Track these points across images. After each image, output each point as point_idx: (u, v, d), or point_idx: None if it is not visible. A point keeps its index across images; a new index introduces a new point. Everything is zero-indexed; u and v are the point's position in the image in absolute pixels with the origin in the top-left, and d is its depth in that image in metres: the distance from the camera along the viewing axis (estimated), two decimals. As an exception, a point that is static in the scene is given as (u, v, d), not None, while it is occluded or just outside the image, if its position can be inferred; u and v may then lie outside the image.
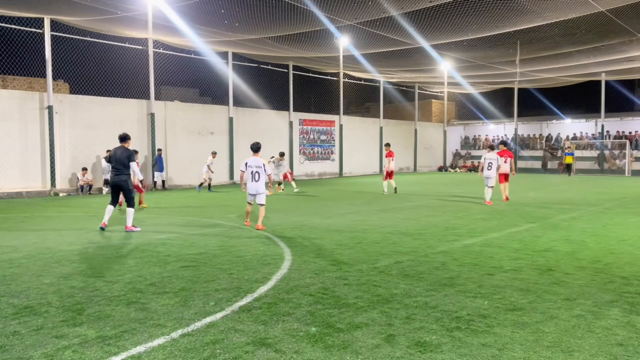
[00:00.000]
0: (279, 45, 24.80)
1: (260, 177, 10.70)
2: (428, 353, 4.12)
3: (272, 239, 9.54)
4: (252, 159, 10.87)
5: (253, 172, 10.71)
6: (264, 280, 6.44)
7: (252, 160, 10.83)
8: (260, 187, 10.75)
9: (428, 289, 6.01)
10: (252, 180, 10.72)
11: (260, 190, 10.76)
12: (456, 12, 19.94)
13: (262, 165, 10.70)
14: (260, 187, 10.75)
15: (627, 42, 24.91)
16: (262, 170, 10.70)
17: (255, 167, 10.71)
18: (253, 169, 10.71)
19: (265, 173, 10.73)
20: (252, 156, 10.96)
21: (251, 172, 10.72)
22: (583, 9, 19.54)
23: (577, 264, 7.35)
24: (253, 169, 10.71)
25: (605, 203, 15.77)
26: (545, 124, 40.78)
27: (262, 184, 10.78)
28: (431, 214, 13.24)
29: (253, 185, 10.75)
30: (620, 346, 4.25)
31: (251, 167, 10.72)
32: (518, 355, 4.08)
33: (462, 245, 8.92)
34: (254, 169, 10.71)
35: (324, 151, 33.33)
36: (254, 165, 10.73)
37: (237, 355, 4.09)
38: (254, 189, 10.77)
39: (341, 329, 4.68)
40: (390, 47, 26.10)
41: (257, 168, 10.70)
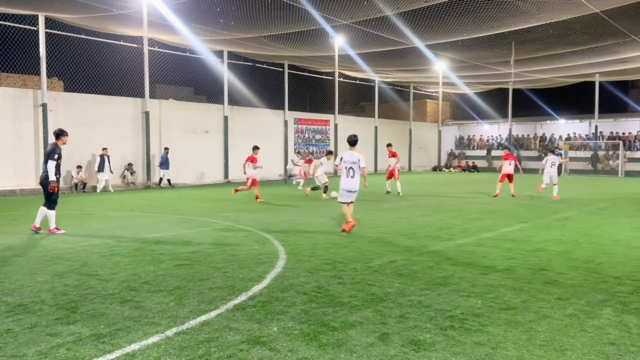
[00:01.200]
0: (274, 44, 24.78)
1: (355, 173, 9.85)
2: (422, 351, 4.14)
3: (267, 238, 9.54)
4: (348, 153, 9.99)
5: (347, 168, 9.86)
6: (259, 279, 6.44)
7: (347, 155, 9.95)
8: (356, 184, 9.90)
9: (422, 288, 6.04)
10: (347, 176, 9.88)
11: (355, 187, 9.91)
12: (451, 12, 20.00)
13: (358, 161, 9.80)
14: (355, 184, 9.90)
15: (621, 43, 25.05)
16: (357, 166, 9.82)
17: (350, 163, 9.84)
18: (347, 165, 9.85)
19: (359, 169, 9.87)
20: (348, 150, 10.07)
21: (346, 167, 9.88)
22: (577, 10, 19.64)
23: (570, 263, 7.40)
24: (347, 164, 9.85)
25: (599, 203, 15.86)
26: (540, 125, 40.96)
27: (357, 181, 9.92)
28: (425, 214, 13.28)
29: (348, 183, 9.91)
30: (612, 345, 4.29)
31: (346, 162, 9.87)
32: (511, 354, 4.11)
33: (456, 244, 8.95)
34: (349, 165, 9.84)
35: (319, 150, 33.33)
36: (349, 160, 9.86)
37: (231, 353, 4.10)
38: (350, 186, 9.92)
39: (335, 327, 4.69)
40: (385, 47, 26.14)
41: (352, 164, 9.83)
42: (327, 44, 27.01)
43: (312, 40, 25.02)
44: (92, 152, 21.95)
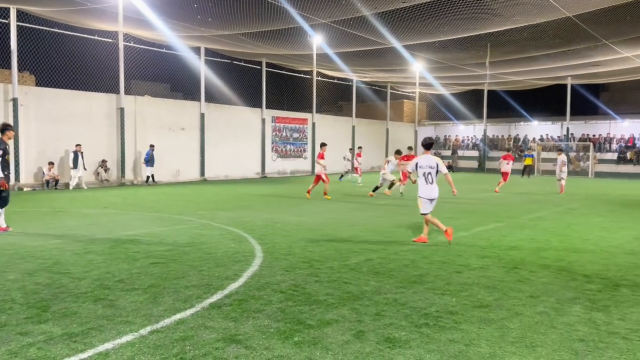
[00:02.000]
0: (252, 41, 24.66)
1: (433, 178, 8.87)
2: (397, 349, 4.18)
3: (243, 236, 9.50)
4: (424, 157, 9.03)
5: (425, 174, 8.87)
6: (235, 277, 6.42)
7: (423, 159, 8.97)
8: (436, 191, 8.95)
9: (398, 286, 6.09)
10: (426, 183, 8.91)
11: (436, 194, 8.97)
12: (428, 13, 20.19)
13: (436, 165, 8.85)
14: (436, 191, 8.95)
15: (592, 47, 25.64)
16: (434, 171, 8.85)
17: (427, 168, 8.87)
18: (425, 170, 8.86)
19: (438, 174, 8.93)
20: (422, 154, 9.18)
21: (423, 173, 8.89)
22: (551, 14, 20.03)
23: (542, 262, 7.56)
24: (425, 169, 8.86)
25: (569, 204, 16.22)
26: (514, 126, 41.68)
27: (437, 188, 8.97)
28: (401, 213, 13.39)
29: (427, 190, 8.94)
30: (581, 342, 4.40)
31: (422, 167, 8.88)
32: (484, 350, 4.18)
33: (431, 243, 9.05)
34: (426, 170, 8.86)
35: (296, 149, 33.31)
36: (425, 165, 8.87)
37: (207, 351, 4.07)
38: (429, 193, 8.94)
39: (311, 325, 4.70)
40: (363, 47, 26.25)
41: (429, 168, 8.86)
42: (306, 43, 26.98)
43: (290, 38, 24.97)
44: (65, 149, 21.52)
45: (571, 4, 18.80)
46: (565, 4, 18.76)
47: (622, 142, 36.54)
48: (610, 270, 7.08)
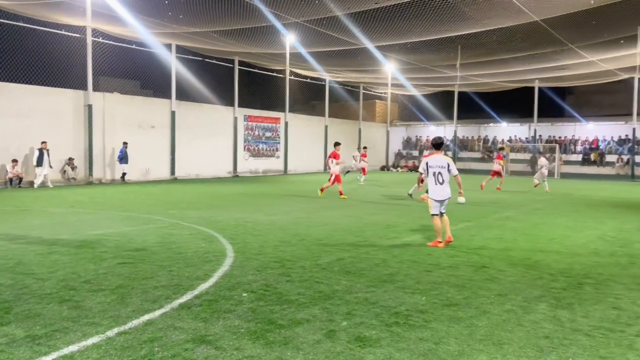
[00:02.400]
0: (224, 39, 24.45)
1: (444, 179, 8.71)
2: (367, 347, 4.20)
3: (214, 236, 9.41)
4: (433, 157, 8.86)
5: (435, 174, 8.72)
6: (205, 278, 6.35)
7: (433, 159, 8.80)
8: (447, 191, 8.77)
9: (368, 285, 6.12)
10: (436, 183, 8.75)
11: (448, 194, 8.79)
12: (401, 15, 20.38)
13: (447, 165, 8.69)
14: (447, 191, 8.78)
15: (559, 51, 26.31)
16: (445, 171, 8.68)
17: (437, 167, 8.71)
18: (435, 170, 8.72)
19: (449, 174, 8.75)
20: (432, 154, 9.02)
21: (433, 173, 8.74)
22: (519, 18, 20.46)
23: (509, 261, 7.71)
24: (435, 169, 8.72)
25: (536, 204, 16.59)
26: (483, 127, 42.45)
27: (448, 189, 8.80)
28: (373, 212, 13.47)
29: (437, 191, 8.76)
30: (546, 339, 4.50)
31: (432, 167, 8.74)
32: (453, 348, 4.23)
33: (402, 242, 9.14)
34: (436, 170, 8.71)
35: (269, 148, 33.18)
36: (436, 165, 8.72)
37: (176, 352, 4.02)
38: (439, 194, 8.76)
39: (283, 325, 4.69)
40: (336, 47, 26.33)
41: (439, 168, 8.69)
42: (278, 42, 26.91)
43: (263, 37, 24.86)
44: (30, 146, 20.91)
45: (539, 8, 19.25)
46: (533, 9, 19.20)
47: (586, 144, 37.60)
48: (574, 268, 7.26)
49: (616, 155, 35.61)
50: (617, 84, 37.63)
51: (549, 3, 18.89)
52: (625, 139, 35.72)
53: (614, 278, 6.71)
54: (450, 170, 8.71)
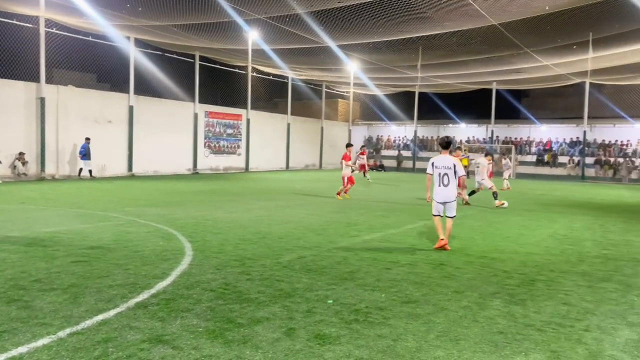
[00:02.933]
0: (185, 34, 24.03)
1: (449, 180, 8.41)
2: (327, 345, 4.21)
3: (173, 234, 9.24)
4: (440, 157, 8.63)
5: (441, 175, 8.47)
6: (163, 276, 6.22)
7: (439, 159, 8.58)
8: (451, 193, 8.49)
9: (329, 283, 6.14)
10: (440, 184, 8.50)
11: (450, 197, 8.50)
12: (363, 14, 20.53)
13: (453, 166, 8.40)
14: (450, 194, 8.48)
15: (515, 54, 27.09)
16: (451, 172, 8.41)
17: (443, 168, 8.45)
18: (441, 171, 8.47)
19: (456, 175, 8.46)
20: (439, 154, 8.79)
21: (439, 174, 8.50)
22: (478, 21, 20.95)
23: (466, 259, 7.88)
24: (441, 170, 8.47)
25: (492, 203, 17.01)
26: (443, 127, 43.28)
27: (453, 191, 8.51)
28: (334, 211, 13.52)
29: (441, 192, 8.51)
30: (500, 334, 4.62)
31: (438, 168, 8.50)
32: (411, 345, 4.29)
33: (363, 240, 9.21)
34: (442, 171, 8.46)
35: (230, 145, 32.84)
36: (441, 165, 8.48)
37: (131, 353, 3.91)
38: (442, 196, 8.51)
39: (242, 323, 4.64)
40: (298, 44, 26.29)
41: (445, 169, 8.43)
42: (241, 38, 26.65)
43: (224, 32, 24.56)
44: (-22, 139, 20.02)
45: (497, 12, 19.76)
46: (492, 12, 19.69)
47: (540, 145, 38.86)
48: (527, 266, 7.49)
49: (568, 156, 36.95)
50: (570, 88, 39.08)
51: (507, 7, 19.43)
52: (577, 141, 37.11)
53: (564, 275, 6.95)
54: (457, 172, 8.42)
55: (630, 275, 7.03)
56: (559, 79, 34.57)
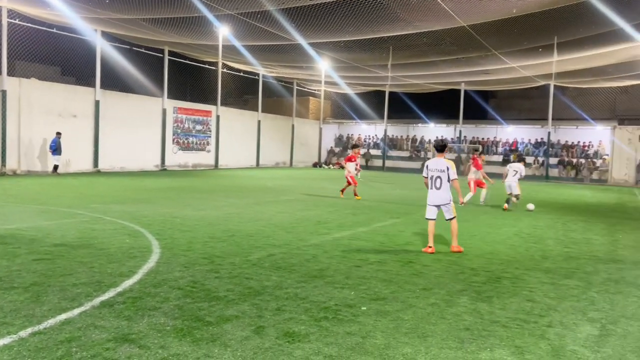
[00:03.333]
0: (153, 28, 23.60)
1: (442, 183, 8.40)
2: (296, 343, 4.21)
3: (140, 231, 9.08)
4: (434, 160, 8.61)
5: (434, 178, 8.45)
6: (129, 274, 6.11)
7: (433, 162, 8.55)
8: (444, 196, 8.45)
9: (299, 281, 6.14)
10: (433, 187, 8.49)
11: (444, 200, 8.46)
12: (334, 13, 20.56)
13: (446, 169, 8.36)
14: (443, 196, 8.45)
15: (483, 56, 27.60)
16: (445, 175, 8.37)
17: (436, 171, 8.42)
18: (434, 174, 8.44)
19: (449, 178, 8.41)
20: (435, 157, 8.74)
21: (431, 177, 8.49)
22: (448, 22, 21.25)
23: (434, 256, 7.99)
24: (434, 173, 8.44)
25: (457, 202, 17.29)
26: (412, 127, 43.76)
27: (446, 194, 8.46)
28: (304, 208, 13.52)
29: (434, 195, 8.50)
30: (467, 330, 4.70)
31: (432, 171, 8.47)
32: (379, 342, 4.33)
33: (333, 238, 9.24)
34: (435, 174, 8.43)
35: (199, 142, 32.44)
36: (434, 168, 8.45)
37: (96, 353, 3.83)
38: (434, 199, 8.52)
39: (210, 322, 4.60)
40: (270, 41, 26.16)
41: (438, 172, 8.40)
42: (211, 33, 26.34)
43: (194, 27, 24.24)
44: None
45: (466, 14, 20.08)
46: (461, 14, 20.00)
47: (506, 145, 39.69)
48: (493, 263, 7.65)
49: (533, 157, 37.85)
50: (535, 90, 40.08)
51: (476, 9, 19.76)
52: (541, 142, 38.05)
53: (528, 272, 7.13)
54: (449, 175, 8.38)
55: (590, 273, 7.25)
56: (525, 80, 35.39)
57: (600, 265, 7.78)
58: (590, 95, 39.28)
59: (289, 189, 19.56)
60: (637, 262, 8.20)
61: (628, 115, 38.58)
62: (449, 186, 8.44)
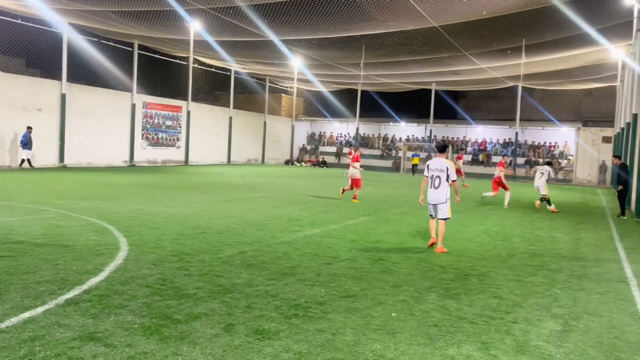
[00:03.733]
0: (123, 21, 23.13)
1: (440, 183, 8.59)
2: (266, 340, 4.19)
3: (107, 228, 8.90)
4: (434, 160, 8.87)
5: (433, 177, 8.71)
6: (96, 272, 5.98)
7: (433, 162, 8.82)
8: (441, 195, 8.62)
9: (269, 278, 6.12)
10: (431, 186, 8.73)
11: (440, 199, 8.63)
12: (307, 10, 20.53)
13: (446, 169, 8.57)
14: (440, 196, 8.62)
15: (454, 56, 27.99)
16: (444, 175, 8.57)
17: (436, 171, 8.66)
18: (434, 173, 8.69)
19: (448, 179, 8.59)
20: (435, 157, 8.98)
21: (431, 176, 8.74)
22: (420, 23, 21.47)
23: (404, 254, 8.08)
24: (434, 172, 8.69)
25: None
26: (384, 126, 44.09)
27: (445, 193, 8.64)
28: (276, 206, 13.48)
29: (432, 194, 8.73)
30: (435, 327, 4.77)
31: (432, 170, 8.71)
32: (349, 338, 4.35)
33: (304, 235, 9.24)
34: (435, 173, 8.67)
35: (169, 137, 31.98)
36: (434, 168, 8.70)
37: (60, 352, 3.74)
38: (432, 198, 8.73)
39: (179, 320, 4.54)
40: (242, 37, 25.96)
41: (438, 172, 8.63)
42: (182, 28, 25.96)
43: (165, 21, 23.86)
44: None
45: (437, 14, 20.33)
46: (433, 15, 20.24)
47: (475, 145, 40.38)
48: (462, 261, 7.78)
49: (501, 156, 38.59)
50: (504, 91, 40.90)
51: (447, 10, 20.02)
52: (509, 142, 38.84)
53: (495, 270, 7.27)
54: (449, 175, 8.60)
55: (554, 270, 7.44)
56: (494, 82, 36.07)
57: (564, 263, 7.99)
58: (557, 97, 40.30)
59: (260, 186, 19.47)
60: (598, 259, 8.46)
61: (592, 117, 39.77)
62: (447, 186, 8.63)
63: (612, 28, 20.91)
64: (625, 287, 6.65)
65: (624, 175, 14.80)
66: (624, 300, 6.01)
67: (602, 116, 37.81)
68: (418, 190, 16.18)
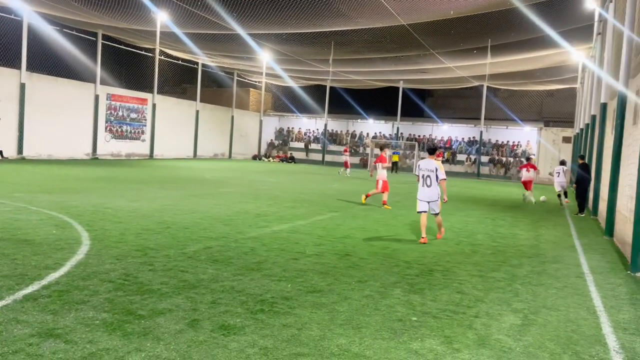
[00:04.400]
0: (86, 9, 22.50)
1: (432, 182, 9.32)
2: (232, 336, 4.17)
3: (68, 222, 8.67)
4: (425, 161, 9.57)
5: (424, 177, 9.40)
6: (56, 267, 5.83)
7: (424, 163, 9.53)
8: (433, 193, 9.37)
9: (235, 274, 6.08)
10: (423, 185, 9.41)
11: (433, 197, 9.36)
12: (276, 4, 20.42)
13: (435, 169, 9.28)
14: (432, 193, 9.36)
15: (421, 55, 28.34)
16: (433, 174, 9.29)
17: (426, 171, 9.36)
18: (424, 173, 9.39)
19: (437, 178, 9.29)
20: (426, 158, 9.66)
21: (422, 175, 9.43)
22: (389, 20, 21.64)
23: (370, 249, 8.15)
24: (424, 172, 9.39)
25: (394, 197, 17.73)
26: (352, 122, 44.33)
27: (435, 191, 9.38)
28: (243, 201, 13.40)
29: (424, 192, 9.42)
30: (399, 321, 4.83)
31: (422, 170, 9.43)
32: (315, 333, 4.37)
33: (271, 231, 9.21)
34: (425, 173, 9.37)
35: (133, 130, 31.35)
36: (425, 168, 9.40)
37: (18, 348, 3.63)
38: (427, 195, 9.39)
39: (143, 315, 4.47)
40: (210, 30, 25.62)
41: (428, 172, 9.33)
42: (149, 19, 25.45)
43: (131, 11, 23.33)
44: None
45: (406, 12, 20.53)
46: (401, 12, 20.42)
47: (441, 143, 41.03)
48: (426, 256, 7.90)
49: (465, 154, 39.36)
50: (469, 90, 41.68)
51: (415, 9, 20.24)
52: (474, 140, 39.62)
53: (458, 265, 7.42)
54: (438, 175, 9.29)
55: (516, 266, 7.64)
56: (460, 81, 36.70)
57: (525, 259, 8.21)
58: (520, 98, 41.34)
59: (227, 181, 19.30)
60: (557, 256, 8.73)
61: (553, 117, 40.93)
62: (437, 185, 9.39)
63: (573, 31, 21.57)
64: (581, 282, 6.88)
65: (581, 174, 15.30)
66: (580, 295, 6.22)
67: (563, 117, 38.98)
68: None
